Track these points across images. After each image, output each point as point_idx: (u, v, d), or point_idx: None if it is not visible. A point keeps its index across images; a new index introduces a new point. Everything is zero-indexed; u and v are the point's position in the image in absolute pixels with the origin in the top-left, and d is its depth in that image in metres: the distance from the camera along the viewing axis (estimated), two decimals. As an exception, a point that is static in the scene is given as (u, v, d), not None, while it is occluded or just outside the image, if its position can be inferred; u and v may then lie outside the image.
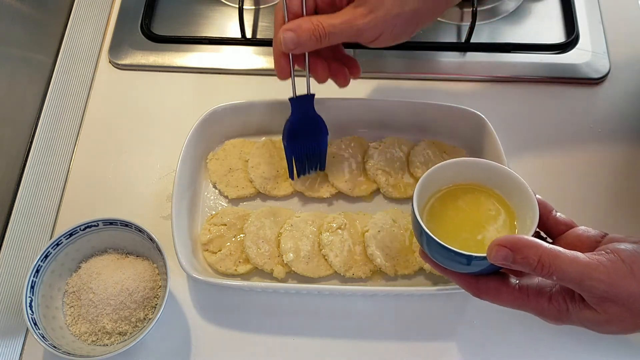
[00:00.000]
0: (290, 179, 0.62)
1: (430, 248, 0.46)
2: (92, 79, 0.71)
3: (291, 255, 0.57)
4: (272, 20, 0.74)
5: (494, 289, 0.45)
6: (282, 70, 0.55)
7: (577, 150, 0.65)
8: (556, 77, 0.70)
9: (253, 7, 0.76)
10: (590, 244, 0.44)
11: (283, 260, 0.57)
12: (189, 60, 0.71)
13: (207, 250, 0.58)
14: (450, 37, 0.73)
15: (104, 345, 0.53)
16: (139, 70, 0.71)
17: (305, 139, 0.59)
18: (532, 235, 0.44)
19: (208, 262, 0.58)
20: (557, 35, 0.73)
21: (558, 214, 0.47)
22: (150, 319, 0.54)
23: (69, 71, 0.71)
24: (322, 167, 0.62)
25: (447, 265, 0.47)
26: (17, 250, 0.60)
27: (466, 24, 0.73)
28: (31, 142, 0.66)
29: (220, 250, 0.58)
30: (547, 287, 0.44)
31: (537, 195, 0.46)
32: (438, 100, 0.63)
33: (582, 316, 0.42)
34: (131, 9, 0.75)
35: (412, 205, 0.46)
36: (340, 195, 0.62)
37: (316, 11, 0.53)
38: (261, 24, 0.74)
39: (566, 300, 0.42)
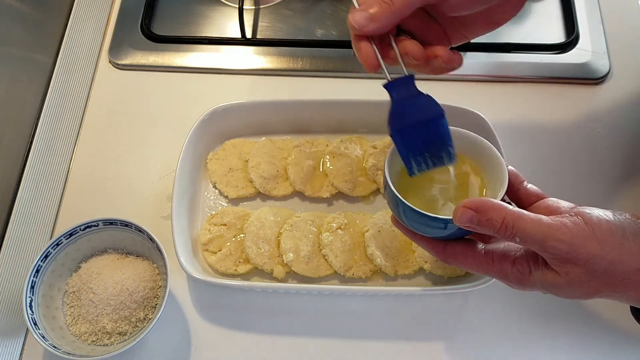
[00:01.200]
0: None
1: (406, 215, 0.46)
2: (92, 79, 0.71)
3: (291, 255, 0.57)
4: (272, 20, 0.74)
5: (460, 254, 0.46)
6: (367, 57, 0.45)
7: (577, 150, 0.65)
8: (556, 77, 0.70)
9: (253, 7, 0.76)
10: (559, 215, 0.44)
11: (283, 260, 0.57)
12: (189, 60, 0.71)
13: (207, 250, 0.58)
14: (450, 37, 0.73)
15: (104, 345, 0.53)
16: (139, 70, 0.71)
17: (417, 126, 0.47)
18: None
19: (208, 262, 0.58)
20: (557, 35, 0.73)
21: (529, 185, 0.47)
22: (150, 319, 0.54)
23: (69, 71, 0.71)
24: (452, 158, 0.47)
25: (421, 230, 0.47)
26: (17, 250, 0.60)
27: (466, 24, 0.73)
28: (31, 142, 0.66)
29: (220, 250, 0.58)
30: (511, 251, 0.44)
31: (510, 167, 0.47)
32: (438, 100, 0.63)
33: (544, 279, 0.42)
34: (131, 9, 0.75)
35: (385, 174, 0.46)
36: (340, 195, 0.62)
37: None
38: (261, 24, 0.74)
39: (529, 263, 0.43)
